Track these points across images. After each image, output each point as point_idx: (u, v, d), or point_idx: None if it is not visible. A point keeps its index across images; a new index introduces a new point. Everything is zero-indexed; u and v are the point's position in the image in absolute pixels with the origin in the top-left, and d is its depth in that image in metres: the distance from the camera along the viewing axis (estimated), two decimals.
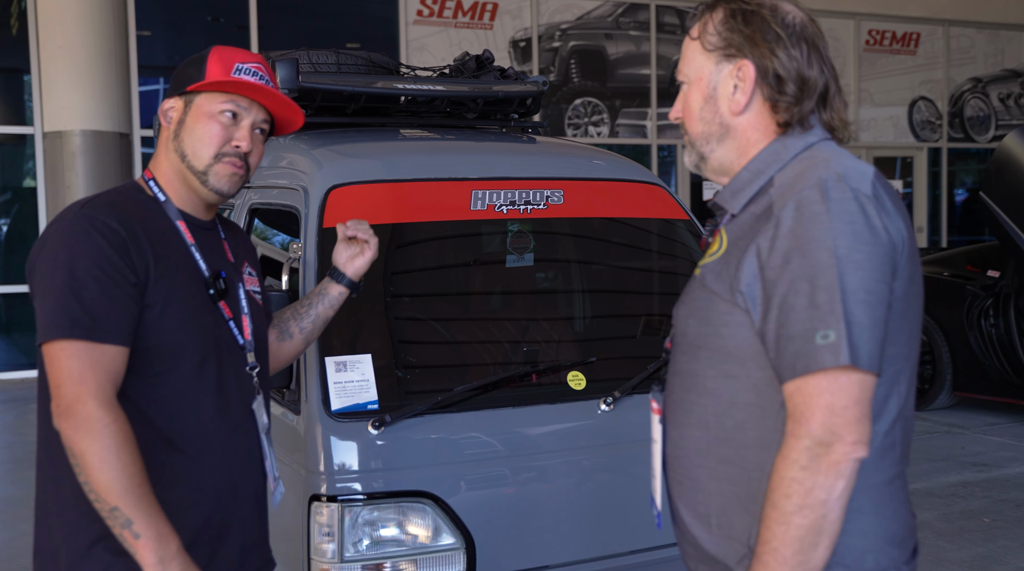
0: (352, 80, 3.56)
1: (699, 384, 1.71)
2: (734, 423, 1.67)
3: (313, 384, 2.68)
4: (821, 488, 1.50)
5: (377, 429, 2.63)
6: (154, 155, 2.11)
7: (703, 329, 1.69)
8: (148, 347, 1.90)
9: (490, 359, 2.98)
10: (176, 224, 2.04)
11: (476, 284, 3.28)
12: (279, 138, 3.51)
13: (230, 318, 2.06)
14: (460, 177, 3.11)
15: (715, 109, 1.72)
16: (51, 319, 1.81)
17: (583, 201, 3.26)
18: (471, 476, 2.73)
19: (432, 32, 11.34)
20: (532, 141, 3.63)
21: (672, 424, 1.78)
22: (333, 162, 3.07)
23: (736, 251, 1.65)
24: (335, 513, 2.60)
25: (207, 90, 2.02)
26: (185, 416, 1.96)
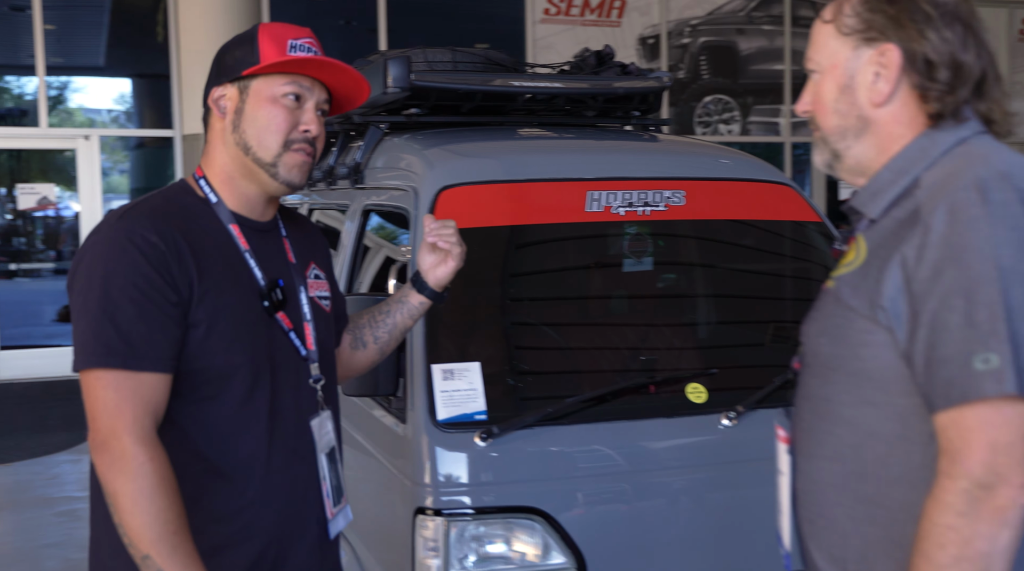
0: (467, 78, 3.46)
1: (834, 411, 1.51)
2: (875, 456, 1.47)
3: (419, 392, 2.58)
4: (982, 538, 1.30)
5: (485, 441, 2.51)
6: (205, 151, 1.92)
7: (838, 350, 1.50)
8: (194, 370, 1.74)
9: (605, 368, 2.83)
10: (229, 228, 1.86)
11: (591, 289, 3.13)
12: (394, 138, 3.44)
13: (290, 329, 1.89)
14: (575, 177, 2.97)
15: (852, 100, 1.53)
16: (85, 345, 1.67)
17: (706, 202, 3.07)
18: (583, 492, 2.58)
19: (559, 30, 11.22)
20: (653, 139, 3.45)
21: (803, 455, 1.59)
22: (444, 162, 2.97)
23: (876, 261, 1.45)
24: (440, 527, 2.49)
25: (266, 73, 1.83)
26: (236, 443, 1.79)
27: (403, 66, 3.13)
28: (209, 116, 1.90)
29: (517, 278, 2.99)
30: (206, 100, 1.90)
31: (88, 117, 11.14)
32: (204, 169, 1.91)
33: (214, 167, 1.89)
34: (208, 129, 1.91)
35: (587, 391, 2.67)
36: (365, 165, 3.49)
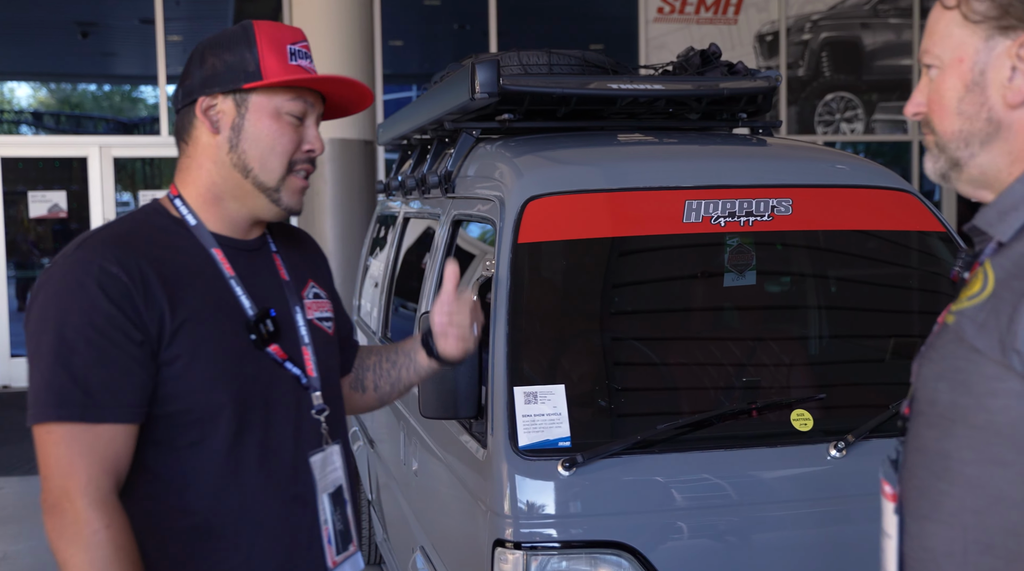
0: (561, 81, 3.30)
1: (953, 469, 1.28)
2: (1003, 525, 1.24)
3: (500, 416, 2.42)
4: None
5: (568, 470, 2.34)
6: (183, 168, 1.70)
7: (960, 399, 1.26)
8: (173, 413, 1.57)
9: (702, 391, 2.63)
10: (211, 253, 1.66)
11: (688, 305, 2.94)
12: (487, 145, 3.30)
13: (284, 360, 1.69)
14: (672, 186, 2.77)
15: (982, 100, 1.29)
16: (37, 396, 1.50)
17: (815, 211, 2.84)
18: (674, 527, 2.39)
19: (673, 29, 10.95)
20: (758, 144, 3.23)
21: (913, 516, 1.36)
22: (532, 171, 2.81)
23: (1009, 295, 1.22)
24: (520, 561, 2.34)
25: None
26: (227, 494, 1.61)
27: (491, 70, 2.98)
28: (190, 127, 1.69)
29: (607, 294, 2.81)
30: (184, 107, 1.68)
31: None
32: (180, 187, 1.70)
33: (197, 185, 1.69)
34: (189, 141, 1.70)
35: (681, 416, 2.48)
36: (456, 173, 3.36)
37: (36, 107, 11.04)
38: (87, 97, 11.58)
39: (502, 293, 2.57)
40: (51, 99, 11.22)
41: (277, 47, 1.66)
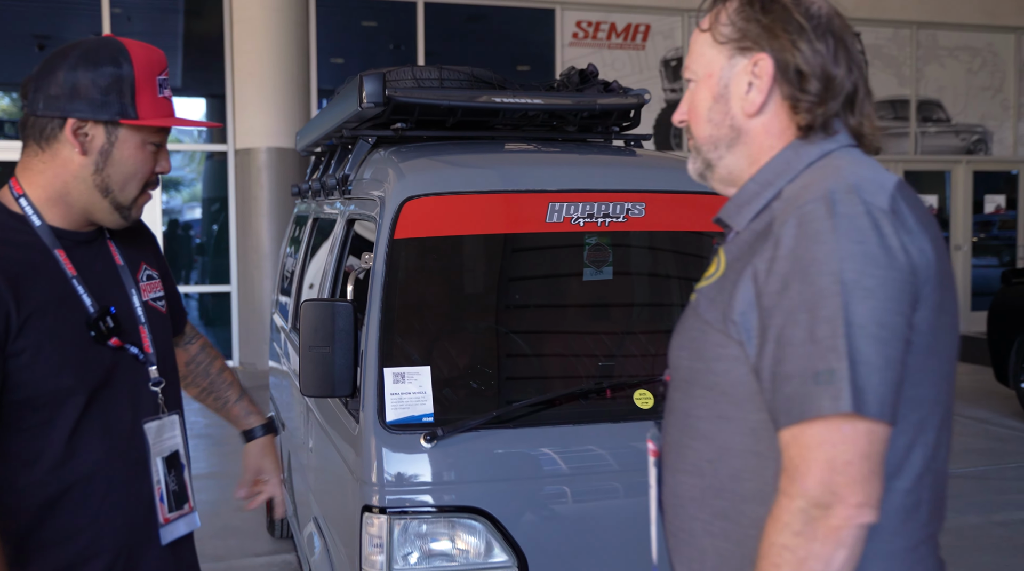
0: (448, 94, 3.35)
1: (693, 425, 1.38)
2: (729, 472, 1.34)
3: (371, 394, 2.47)
4: (817, 558, 1.17)
5: (429, 442, 2.40)
6: (31, 169, 1.67)
7: (695, 363, 1.37)
8: (22, 399, 1.57)
9: (556, 374, 2.70)
10: (55, 254, 1.65)
11: (548, 297, 3.01)
12: (379, 150, 3.35)
13: (121, 346, 1.70)
14: (537, 189, 2.84)
15: (726, 110, 1.39)
16: None
17: (667, 214, 2.93)
18: (525, 494, 2.46)
19: (587, 53, 11.08)
20: (618, 153, 3.32)
21: (668, 468, 1.46)
22: (412, 174, 2.86)
23: (732, 274, 1.32)
24: (384, 525, 2.39)
25: None
26: (75, 464, 1.63)
27: (377, 82, 3.03)
28: (53, 139, 1.65)
29: (475, 286, 2.88)
30: (46, 117, 1.64)
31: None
32: (26, 187, 1.68)
33: (46, 188, 1.67)
34: (47, 150, 1.66)
35: (535, 396, 2.55)
36: (352, 177, 3.40)
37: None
38: None
39: (377, 283, 2.62)
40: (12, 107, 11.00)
41: (150, 79, 1.67)
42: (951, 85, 12.59)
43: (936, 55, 12.53)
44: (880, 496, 1.19)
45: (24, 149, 1.70)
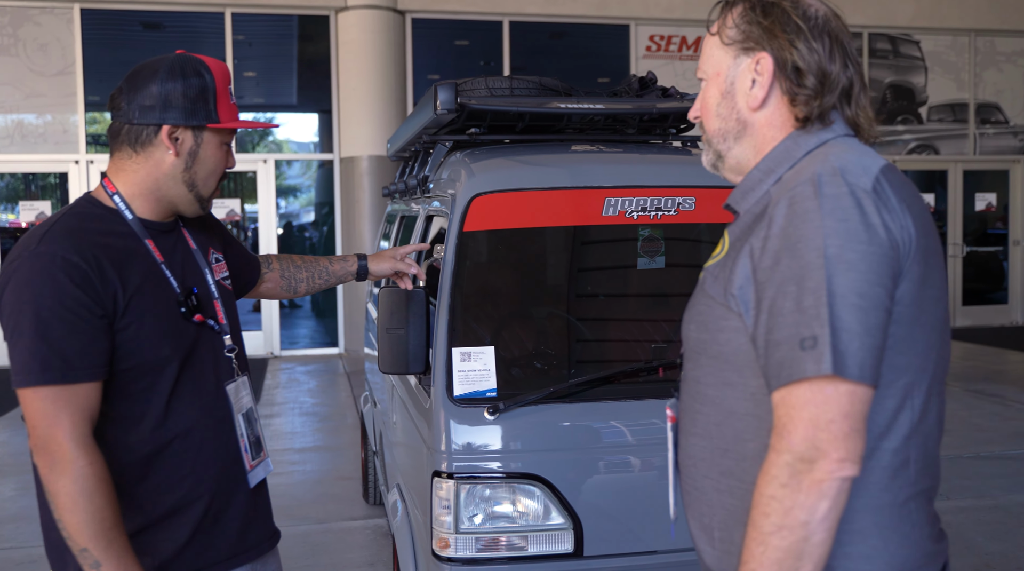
0: (518, 101, 3.37)
1: (701, 392, 1.40)
2: (733, 433, 1.35)
3: (440, 371, 2.51)
4: (801, 508, 1.18)
5: (492, 415, 2.42)
6: (125, 169, 1.76)
7: (702, 335, 1.38)
8: (130, 367, 1.67)
9: (609, 355, 2.69)
10: (145, 243, 1.75)
11: (603, 285, 2.99)
12: (455, 153, 3.39)
13: (203, 321, 1.81)
14: (595, 185, 2.84)
15: (732, 105, 1.42)
16: (23, 365, 1.57)
17: (715, 208, 2.89)
18: (580, 463, 2.46)
19: (659, 65, 10.97)
20: (686, 153, 3.28)
21: (682, 432, 1.47)
22: (481, 173, 2.89)
23: (734, 253, 1.34)
24: (452, 488, 2.42)
25: None
26: (174, 422, 1.73)
27: (450, 91, 3.06)
28: (148, 143, 1.74)
29: (537, 274, 2.89)
30: (142, 124, 1.73)
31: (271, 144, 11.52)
32: (118, 185, 1.77)
33: (140, 187, 1.77)
34: (141, 153, 1.75)
35: (588, 376, 2.54)
36: (431, 177, 3.45)
37: None
38: None
39: (447, 271, 2.65)
40: None
41: (225, 88, 1.79)
42: (1009, 88, 12.07)
43: (994, 60, 12.02)
44: (861, 452, 1.19)
45: (115, 153, 1.80)
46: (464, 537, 2.42)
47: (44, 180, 10.49)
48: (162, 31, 10.62)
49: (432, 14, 10.67)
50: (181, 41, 10.95)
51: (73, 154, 10.06)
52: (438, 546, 2.44)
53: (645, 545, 2.48)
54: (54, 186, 10.50)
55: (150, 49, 10.74)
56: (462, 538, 2.42)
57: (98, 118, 10.52)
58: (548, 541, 2.44)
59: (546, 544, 2.44)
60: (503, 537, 2.43)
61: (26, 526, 4.86)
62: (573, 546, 2.44)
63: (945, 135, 11.88)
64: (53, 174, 10.33)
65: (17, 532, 4.78)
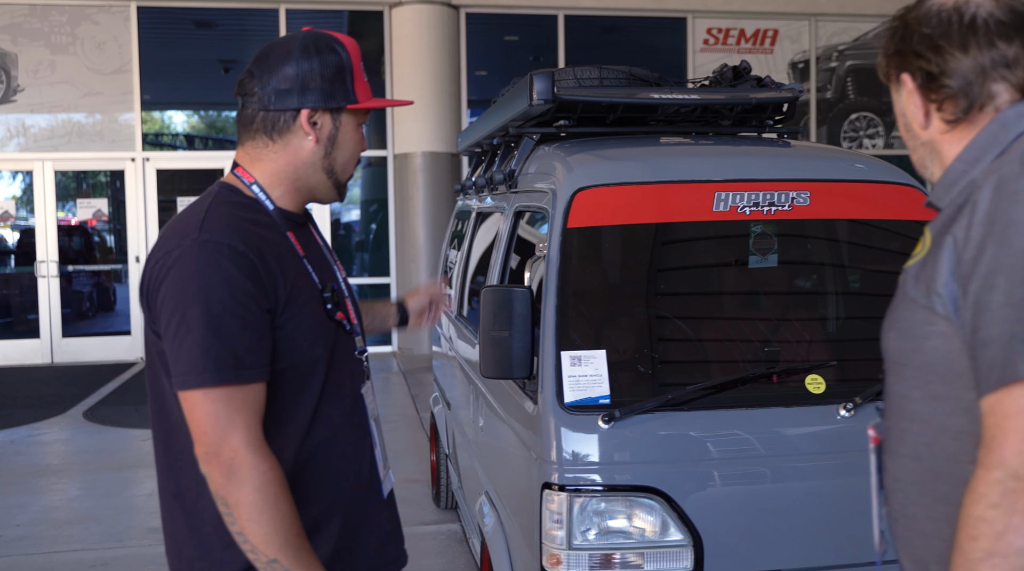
0: (609, 92, 3.21)
1: (907, 408, 1.24)
2: (947, 455, 1.18)
3: (549, 376, 2.36)
4: (1016, 532, 1.02)
5: (607, 423, 2.27)
6: (261, 158, 1.63)
7: (905, 344, 1.23)
8: (284, 368, 1.54)
9: (727, 358, 2.53)
10: (287, 236, 1.62)
11: (716, 284, 2.83)
12: (545, 147, 3.24)
13: (342, 319, 1.67)
14: (704, 179, 2.68)
15: (913, 134, 1.35)
16: (193, 364, 1.43)
17: (831, 202, 2.72)
18: (701, 475, 2.30)
19: (717, 58, 10.73)
20: (783, 144, 3.11)
21: (888, 453, 1.30)
22: (581, 166, 2.74)
23: (935, 249, 1.19)
24: (564, 502, 2.27)
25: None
26: (319, 428, 1.60)
27: (547, 81, 2.92)
28: (286, 130, 1.62)
29: (646, 272, 2.73)
30: (279, 110, 1.61)
31: None
32: (256, 175, 1.64)
33: (276, 174, 1.64)
34: (279, 140, 1.62)
35: (705, 380, 2.38)
36: (518, 172, 3.31)
37: (188, 131, 11.28)
38: (229, 122, 11.81)
39: (552, 271, 2.51)
40: (200, 124, 11.44)
41: (359, 66, 1.66)
42: None
43: None
44: None
45: (248, 142, 1.66)
46: (577, 554, 2.27)
47: (96, 178, 10.54)
48: (214, 29, 10.61)
49: (486, 8, 10.54)
50: (233, 39, 10.94)
51: (130, 152, 10.08)
52: (549, 562, 2.30)
53: (768, 563, 2.32)
54: (106, 184, 10.55)
55: (203, 48, 10.74)
56: (574, 554, 2.27)
57: (150, 117, 10.55)
58: (666, 558, 2.29)
59: (664, 562, 2.29)
60: (618, 554, 2.28)
61: (95, 527, 4.81)
62: (692, 564, 2.28)
63: None
64: (107, 171, 10.37)
65: (87, 533, 4.73)
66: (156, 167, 10.18)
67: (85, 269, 10.51)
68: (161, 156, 10.39)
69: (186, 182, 10.49)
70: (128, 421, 7.21)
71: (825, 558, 2.33)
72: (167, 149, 10.80)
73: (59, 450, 6.46)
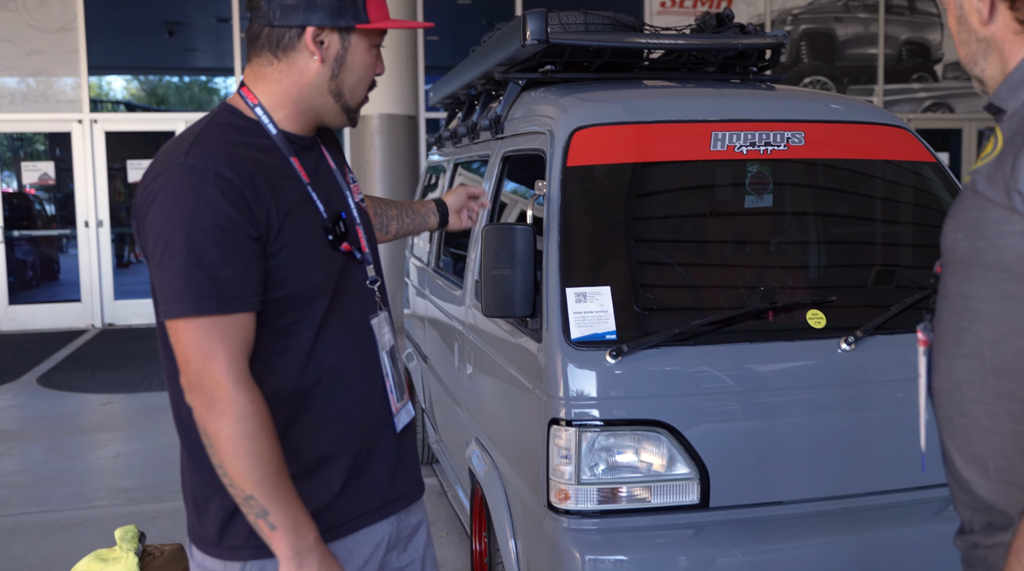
0: (599, 37, 3.18)
1: (972, 307, 1.24)
2: (1015, 351, 1.19)
3: (554, 313, 2.34)
4: None
5: (615, 358, 2.27)
6: (266, 78, 1.57)
7: (975, 243, 1.22)
8: (280, 297, 1.49)
9: (728, 297, 2.54)
10: (291, 161, 1.55)
11: (715, 223, 2.83)
12: (531, 92, 3.20)
13: (350, 251, 1.62)
14: (700, 119, 2.67)
15: (968, 27, 1.34)
16: (175, 293, 1.40)
17: (825, 143, 2.73)
18: (707, 409, 2.32)
19: (674, 22, 10.72)
20: (773, 88, 3.11)
21: (941, 354, 1.31)
22: (577, 106, 2.71)
23: (1012, 148, 1.19)
24: (573, 437, 2.27)
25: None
26: (323, 358, 1.55)
27: (540, 21, 2.87)
28: (291, 49, 1.55)
29: (645, 211, 2.72)
30: (284, 27, 1.54)
31: None
32: (260, 96, 1.57)
33: (281, 96, 1.57)
34: (284, 60, 1.56)
35: (712, 317, 2.39)
36: (505, 117, 3.26)
37: (128, 98, 10.93)
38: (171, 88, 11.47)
39: (554, 209, 2.48)
40: (140, 91, 11.09)
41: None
42: None
43: None
44: None
45: (254, 59, 1.60)
46: (586, 488, 2.27)
47: (39, 141, 10.19)
48: None
49: None
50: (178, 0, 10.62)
51: (76, 113, 9.75)
52: (557, 498, 2.29)
53: (772, 495, 2.34)
54: (50, 147, 10.21)
55: (148, 8, 10.41)
56: (583, 489, 2.27)
57: (99, 79, 10.21)
58: (672, 492, 2.30)
59: (670, 495, 2.30)
60: (625, 488, 2.29)
61: (62, 489, 4.69)
62: (699, 497, 2.30)
63: (960, 93, 11.74)
64: (51, 134, 10.03)
65: (54, 495, 4.61)
66: (104, 129, 9.87)
67: (31, 235, 10.19)
68: (110, 118, 10.07)
69: (137, 145, 10.19)
70: (86, 386, 7.04)
71: (827, 489, 2.36)
72: (110, 112, 10.47)
73: (16, 415, 6.28)
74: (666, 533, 2.29)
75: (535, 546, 2.44)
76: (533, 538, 2.46)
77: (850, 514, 2.36)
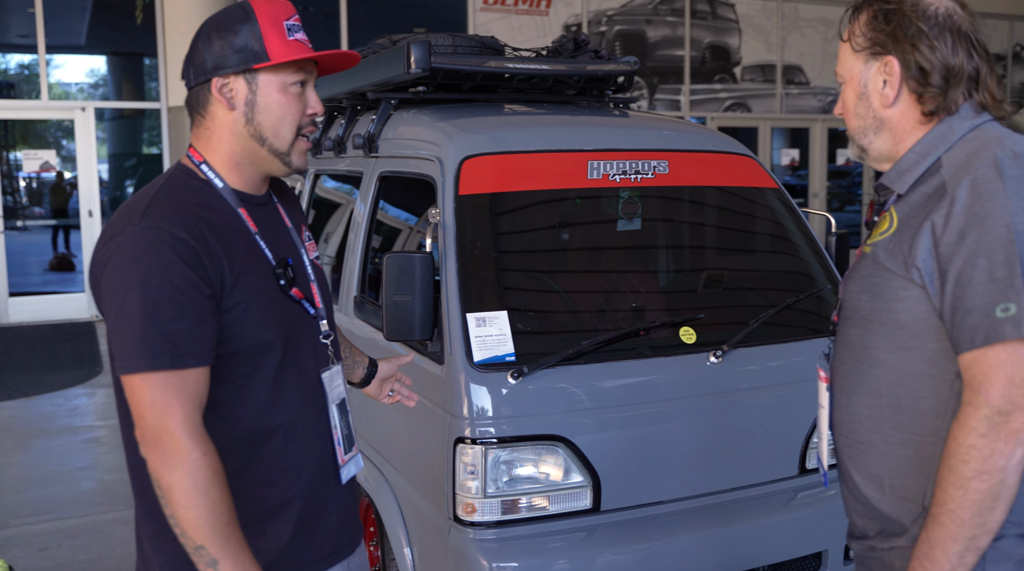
0: (471, 60, 3.33)
1: (871, 355, 1.52)
2: (907, 392, 1.49)
3: (456, 338, 2.49)
4: (1000, 455, 1.34)
5: (516, 379, 2.44)
6: (202, 138, 1.63)
7: (877, 304, 1.50)
8: (233, 351, 1.54)
9: (614, 318, 2.77)
10: (239, 213, 1.61)
11: (598, 249, 3.05)
12: (404, 111, 3.31)
13: (301, 298, 1.68)
14: (578, 148, 2.88)
15: (868, 104, 1.56)
16: (129, 350, 1.44)
17: (686, 171, 3.02)
18: (597, 421, 2.54)
19: (496, 18, 11.00)
20: (639, 117, 3.38)
21: (842, 391, 1.59)
22: (464, 135, 2.85)
23: (908, 229, 1.46)
24: (479, 455, 2.42)
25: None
26: (275, 410, 1.61)
27: (425, 50, 2.99)
28: (207, 103, 1.61)
29: (533, 236, 2.90)
30: (197, 85, 1.61)
31: (80, 91, 10.55)
32: (204, 154, 1.64)
33: (220, 153, 1.63)
34: (206, 115, 1.62)
35: (600, 337, 2.61)
36: (378, 135, 3.35)
37: None
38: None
39: (450, 236, 2.61)
40: None
41: (275, 25, 1.60)
42: (810, 52, 13.09)
43: (797, 25, 12.97)
44: None
45: (192, 123, 1.66)
46: (491, 501, 2.43)
47: None
48: None
49: None
50: None
51: None
52: (464, 511, 2.44)
53: (655, 496, 2.60)
54: None
55: None
56: (488, 502, 2.43)
57: None
58: (568, 499, 2.51)
59: (566, 502, 2.51)
60: (525, 498, 2.47)
61: None
62: (591, 502, 2.52)
63: (756, 94, 12.74)
64: None
65: None
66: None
67: None
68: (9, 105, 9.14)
69: None
70: None
71: (702, 486, 2.65)
72: None
73: None
74: (562, 537, 2.49)
75: (437, 556, 2.58)
76: (434, 548, 2.60)
77: (720, 507, 2.66)
